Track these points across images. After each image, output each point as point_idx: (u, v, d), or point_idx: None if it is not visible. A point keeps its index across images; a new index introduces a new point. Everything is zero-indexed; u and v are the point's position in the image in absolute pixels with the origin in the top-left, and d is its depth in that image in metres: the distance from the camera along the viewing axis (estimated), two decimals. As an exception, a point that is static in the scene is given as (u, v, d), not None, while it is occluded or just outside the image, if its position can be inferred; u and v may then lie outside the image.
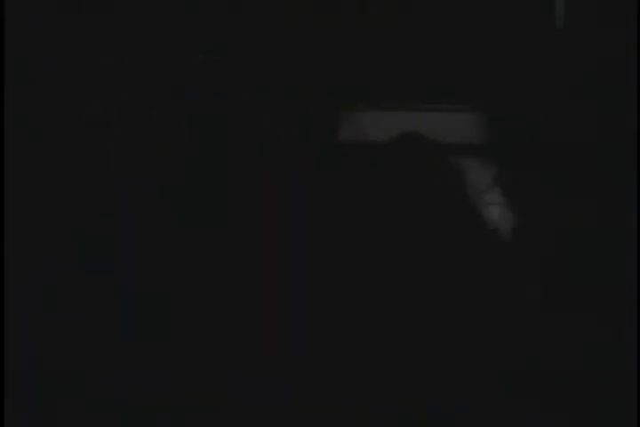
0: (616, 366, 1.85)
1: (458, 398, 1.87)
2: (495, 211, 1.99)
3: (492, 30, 2.01)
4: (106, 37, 2.11)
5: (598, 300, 1.91)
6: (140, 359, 1.94)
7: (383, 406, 1.85)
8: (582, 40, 1.93)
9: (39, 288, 1.97)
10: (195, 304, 2.03)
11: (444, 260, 2.03)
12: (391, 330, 1.96)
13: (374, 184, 2.09)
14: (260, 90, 2.14)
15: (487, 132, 2.00)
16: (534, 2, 1.99)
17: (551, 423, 1.81)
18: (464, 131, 2.04)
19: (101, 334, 1.96)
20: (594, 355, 1.87)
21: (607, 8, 1.91)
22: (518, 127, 1.98)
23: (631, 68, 1.92)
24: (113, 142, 2.12)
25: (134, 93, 2.14)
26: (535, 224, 2.00)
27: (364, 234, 2.09)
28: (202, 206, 2.14)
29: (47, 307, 1.97)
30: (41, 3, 2.06)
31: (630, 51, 1.94)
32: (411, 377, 1.90)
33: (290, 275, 2.08)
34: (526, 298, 1.90)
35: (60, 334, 1.94)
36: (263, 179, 2.15)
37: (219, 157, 2.17)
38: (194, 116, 2.15)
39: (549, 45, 1.94)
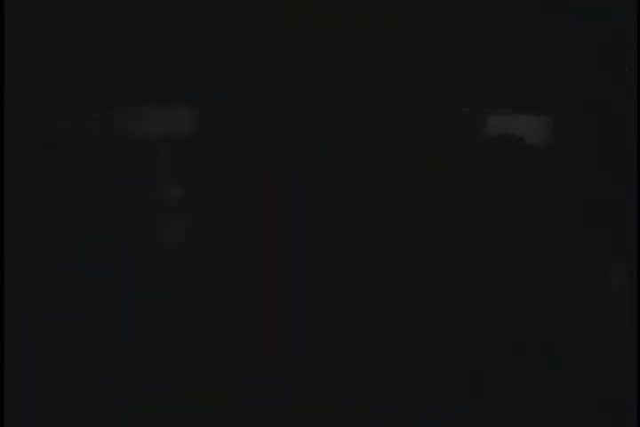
0: (616, 365, 1.85)
1: (456, 398, 1.87)
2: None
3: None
4: (106, 37, 2.11)
5: (598, 298, 1.91)
6: (140, 359, 1.94)
7: (383, 406, 1.85)
8: None
9: (39, 288, 1.97)
10: (195, 304, 2.03)
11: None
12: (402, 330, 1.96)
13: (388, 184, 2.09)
14: (259, 90, 2.14)
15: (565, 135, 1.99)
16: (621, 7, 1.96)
17: (552, 422, 1.81)
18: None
19: (101, 334, 1.96)
20: (594, 355, 1.87)
21: None
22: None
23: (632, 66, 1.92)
24: (112, 142, 2.12)
25: (134, 93, 2.14)
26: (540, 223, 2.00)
27: (360, 232, 2.09)
28: (201, 206, 2.13)
29: (47, 307, 1.96)
30: (41, 3, 2.06)
31: (630, 51, 1.94)
32: (414, 375, 1.90)
33: (290, 275, 2.08)
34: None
35: (59, 333, 1.94)
36: (263, 178, 2.15)
37: (218, 157, 2.17)
38: (194, 115, 2.15)
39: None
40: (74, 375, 1.90)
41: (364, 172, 2.10)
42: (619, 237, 1.93)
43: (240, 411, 1.86)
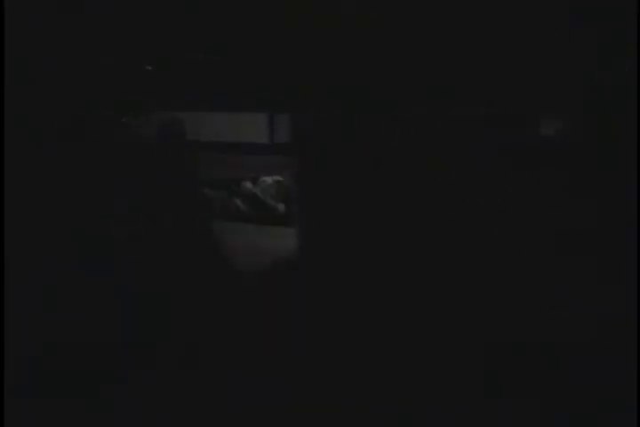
0: (616, 366, 1.85)
1: (454, 400, 1.87)
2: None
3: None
4: (106, 37, 2.11)
5: (598, 299, 1.91)
6: (139, 359, 1.94)
7: (382, 406, 1.85)
8: None
9: (39, 288, 1.97)
10: (195, 304, 2.03)
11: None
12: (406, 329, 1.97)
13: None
14: (259, 90, 2.14)
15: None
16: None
17: (552, 422, 1.81)
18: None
19: (101, 334, 1.96)
20: (594, 355, 1.87)
21: None
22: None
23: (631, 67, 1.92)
24: (112, 142, 2.12)
25: (134, 93, 2.14)
26: (537, 223, 2.00)
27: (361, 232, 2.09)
28: (200, 204, 2.13)
29: (47, 307, 1.96)
30: (41, 3, 2.06)
31: (630, 51, 1.94)
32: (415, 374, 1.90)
33: (289, 273, 2.08)
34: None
35: (60, 333, 1.94)
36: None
37: (216, 157, 2.17)
38: (195, 115, 2.15)
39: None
40: (74, 375, 1.90)
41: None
42: (619, 237, 1.93)
43: (240, 411, 1.86)
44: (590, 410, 1.80)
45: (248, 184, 2.40)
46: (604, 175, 1.96)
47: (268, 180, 2.38)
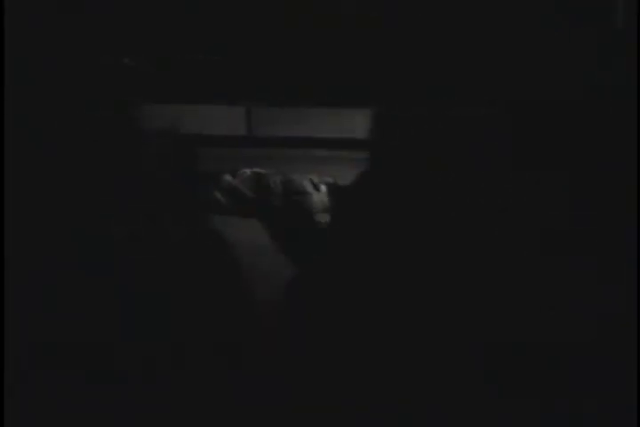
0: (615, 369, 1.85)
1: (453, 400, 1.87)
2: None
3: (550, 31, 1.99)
4: (106, 37, 2.11)
5: (598, 299, 1.91)
6: (139, 359, 1.94)
7: (383, 406, 1.85)
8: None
9: (39, 288, 1.97)
10: (195, 304, 2.03)
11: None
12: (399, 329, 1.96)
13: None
14: (259, 90, 2.14)
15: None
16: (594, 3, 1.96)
17: (552, 422, 1.81)
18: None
19: (101, 334, 1.96)
20: (594, 355, 1.87)
21: None
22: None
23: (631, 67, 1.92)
24: (112, 142, 2.12)
25: (134, 93, 2.14)
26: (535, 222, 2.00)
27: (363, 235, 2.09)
28: (199, 203, 2.13)
29: (47, 307, 1.96)
30: (41, 3, 2.06)
31: (631, 51, 1.94)
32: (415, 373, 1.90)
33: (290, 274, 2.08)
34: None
35: (60, 333, 1.94)
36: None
37: (216, 156, 2.17)
38: (195, 115, 2.15)
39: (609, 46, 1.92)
40: (74, 375, 1.90)
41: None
42: (619, 237, 1.93)
43: (240, 411, 1.87)
44: (590, 410, 1.80)
45: (227, 177, 2.41)
46: (603, 175, 1.96)
47: (248, 171, 2.39)
